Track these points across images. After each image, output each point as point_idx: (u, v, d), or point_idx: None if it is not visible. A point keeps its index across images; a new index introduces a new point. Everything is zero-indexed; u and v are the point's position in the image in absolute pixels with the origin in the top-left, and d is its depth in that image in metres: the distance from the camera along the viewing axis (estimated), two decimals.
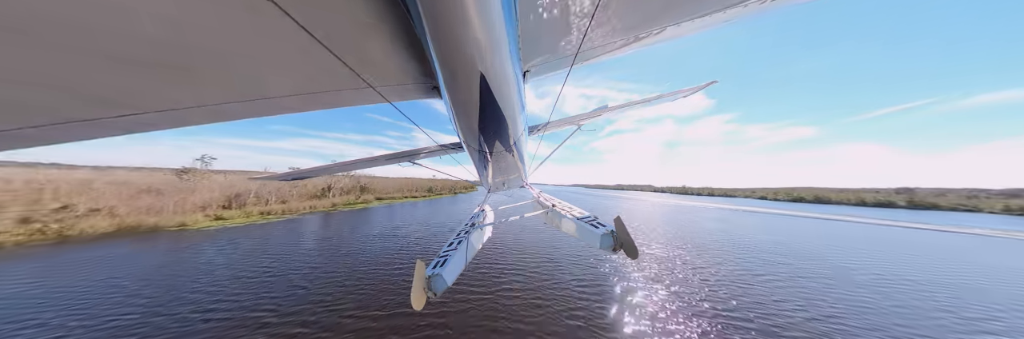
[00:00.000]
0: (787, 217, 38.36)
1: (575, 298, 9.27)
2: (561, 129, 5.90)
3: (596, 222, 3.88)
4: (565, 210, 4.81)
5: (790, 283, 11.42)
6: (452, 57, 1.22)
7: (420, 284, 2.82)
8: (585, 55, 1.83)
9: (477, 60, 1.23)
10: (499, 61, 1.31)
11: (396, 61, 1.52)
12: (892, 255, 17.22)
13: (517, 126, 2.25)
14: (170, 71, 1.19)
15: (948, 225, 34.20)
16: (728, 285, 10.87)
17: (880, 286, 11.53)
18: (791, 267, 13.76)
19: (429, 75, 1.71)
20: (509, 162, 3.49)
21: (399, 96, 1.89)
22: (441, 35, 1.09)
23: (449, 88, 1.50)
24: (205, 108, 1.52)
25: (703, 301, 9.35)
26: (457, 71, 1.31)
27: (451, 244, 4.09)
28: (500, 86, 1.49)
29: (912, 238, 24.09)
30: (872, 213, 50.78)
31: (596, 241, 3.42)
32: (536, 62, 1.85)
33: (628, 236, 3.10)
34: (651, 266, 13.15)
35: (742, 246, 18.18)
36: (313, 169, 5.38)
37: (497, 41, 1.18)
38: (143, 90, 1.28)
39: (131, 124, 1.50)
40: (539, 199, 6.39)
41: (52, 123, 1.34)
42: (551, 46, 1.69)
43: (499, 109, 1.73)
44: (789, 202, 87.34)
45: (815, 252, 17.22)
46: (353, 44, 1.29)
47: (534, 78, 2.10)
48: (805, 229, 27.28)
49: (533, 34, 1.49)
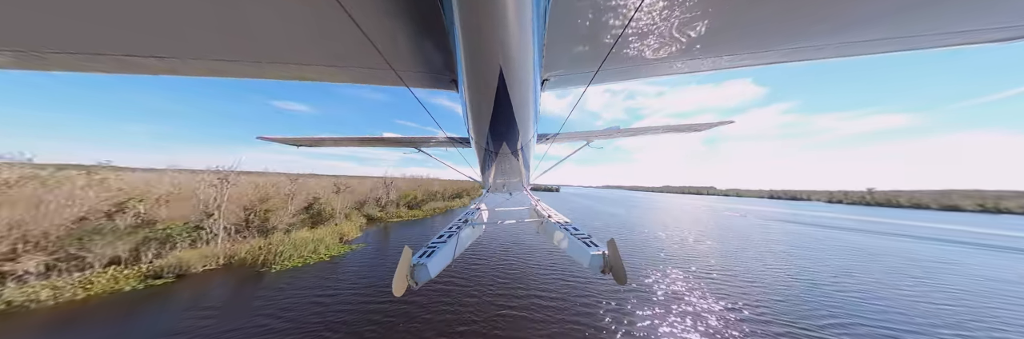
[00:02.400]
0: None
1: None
2: (571, 141, 5.96)
3: (589, 241, 3.80)
4: (560, 222, 4.78)
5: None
6: (476, 53, 1.24)
7: (404, 271, 2.85)
8: (603, 76, 1.89)
9: (500, 60, 1.25)
10: (521, 64, 1.33)
11: (420, 49, 1.55)
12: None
13: (527, 131, 2.25)
14: (210, 19, 1.24)
15: None
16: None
17: None
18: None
19: (449, 68, 1.74)
20: (513, 165, 3.46)
21: (416, 82, 1.92)
22: (471, 31, 1.10)
23: (467, 83, 1.52)
24: (237, 63, 1.58)
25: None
26: (478, 68, 1.34)
27: (441, 237, 4.10)
28: (517, 89, 1.50)
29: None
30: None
31: (586, 260, 3.37)
32: (556, 73, 1.90)
33: (619, 260, 2.98)
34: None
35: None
36: (323, 138, 5.48)
37: (523, 44, 1.19)
38: (185, 34, 1.32)
39: (161, 66, 1.55)
40: (536, 207, 6.31)
41: (97, 52, 1.40)
42: (573, 61, 1.75)
43: (512, 112, 1.76)
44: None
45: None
46: (381, 24, 1.31)
47: (552, 89, 2.16)
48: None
49: (558, 45, 1.53)
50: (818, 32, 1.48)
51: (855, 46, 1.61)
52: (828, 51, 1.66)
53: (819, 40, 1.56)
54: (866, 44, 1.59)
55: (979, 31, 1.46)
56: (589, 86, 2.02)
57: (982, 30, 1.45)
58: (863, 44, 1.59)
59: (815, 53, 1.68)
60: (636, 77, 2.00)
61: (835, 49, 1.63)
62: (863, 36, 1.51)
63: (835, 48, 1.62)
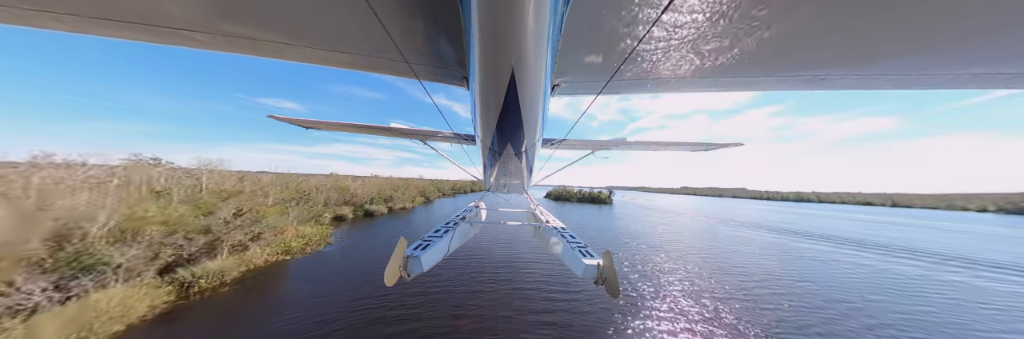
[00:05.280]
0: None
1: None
2: (575, 149, 5.95)
3: (585, 250, 3.74)
4: (557, 228, 4.70)
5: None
6: (489, 52, 1.23)
7: (397, 262, 2.85)
8: (614, 87, 1.92)
9: (512, 61, 1.24)
10: (533, 67, 1.33)
11: (435, 43, 1.55)
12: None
13: (533, 134, 2.27)
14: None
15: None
16: None
17: None
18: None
19: (462, 64, 1.75)
20: (516, 167, 3.46)
21: (428, 76, 1.92)
22: (486, 29, 1.11)
23: (478, 81, 1.51)
24: (253, 41, 1.58)
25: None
26: (490, 67, 1.33)
27: (437, 231, 4.08)
28: (527, 91, 1.50)
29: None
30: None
31: (580, 269, 3.34)
32: (567, 79, 1.91)
33: (614, 273, 2.95)
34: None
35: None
36: (332, 123, 5.53)
37: (537, 48, 1.19)
38: (205, 9, 1.32)
39: (180, 38, 1.54)
40: (535, 211, 6.28)
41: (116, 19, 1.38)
42: (585, 69, 1.75)
43: (520, 114, 1.76)
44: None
45: None
46: (399, 16, 1.32)
47: (561, 95, 2.17)
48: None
49: (571, 52, 1.54)
50: (837, 63, 1.49)
51: (871, 80, 1.64)
52: (844, 82, 1.68)
53: (837, 71, 1.57)
54: (880, 78, 1.62)
55: (992, 75, 1.51)
56: (598, 96, 2.02)
57: (996, 75, 1.50)
58: (878, 78, 1.62)
59: (830, 84, 1.70)
60: (645, 91, 2.00)
61: (854, 81, 1.66)
62: (880, 71, 1.55)
63: (854, 80, 1.65)
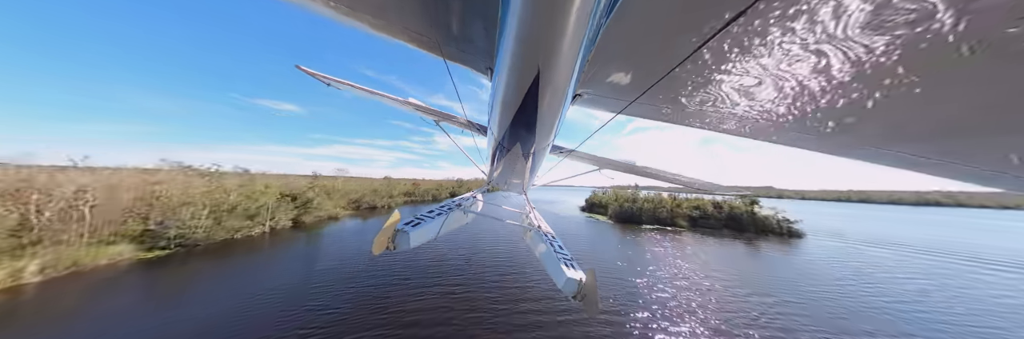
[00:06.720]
0: None
1: None
2: (582, 161, 5.88)
3: (570, 262, 3.67)
4: (547, 235, 4.71)
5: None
6: (518, 47, 1.21)
7: (387, 233, 2.91)
8: (635, 110, 1.92)
9: (539, 61, 1.23)
10: (559, 72, 1.31)
11: (469, 27, 1.58)
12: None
13: (545, 138, 2.27)
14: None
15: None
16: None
17: None
18: None
19: (490, 55, 1.73)
20: (520, 167, 3.50)
21: (454, 57, 1.95)
22: (523, 25, 1.09)
23: (503, 76, 1.49)
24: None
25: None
26: (516, 62, 1.31)
27: (431, 212, 4.12)
28: (548, 94, 1.50)
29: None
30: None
31: (561, 280, 3.28)
32: (589, 91, 1.90)
33: (595, 292, 2.88)
34: None
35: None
36: (353, 85, 5.37)
37: (567, 53, 1.18)
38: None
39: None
40: (529, 214, 6.24)
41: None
42: (610, 85, 1.73)
43: (536, 115, 1.75)
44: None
45: None
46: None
47: (582, 106, 2.15)
48: None
49: (601, 66, 1.55)
50: (862, 136, 1.50)
51: (889, 157, 1.69)
52: (859, 153, 1.71)
53: (865, 143, 1.58)
54: (901, 157, 1.66)
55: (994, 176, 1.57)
56: (618, 115, 2.00)
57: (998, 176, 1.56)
58: (899, 157, 1.66)
59: (846, 151, 1.72)
60: (666, 121, 1.99)
61: (870, 154, 1.69)
62: (904, 150, 1.60)
63: (872, 153, 1.68)
